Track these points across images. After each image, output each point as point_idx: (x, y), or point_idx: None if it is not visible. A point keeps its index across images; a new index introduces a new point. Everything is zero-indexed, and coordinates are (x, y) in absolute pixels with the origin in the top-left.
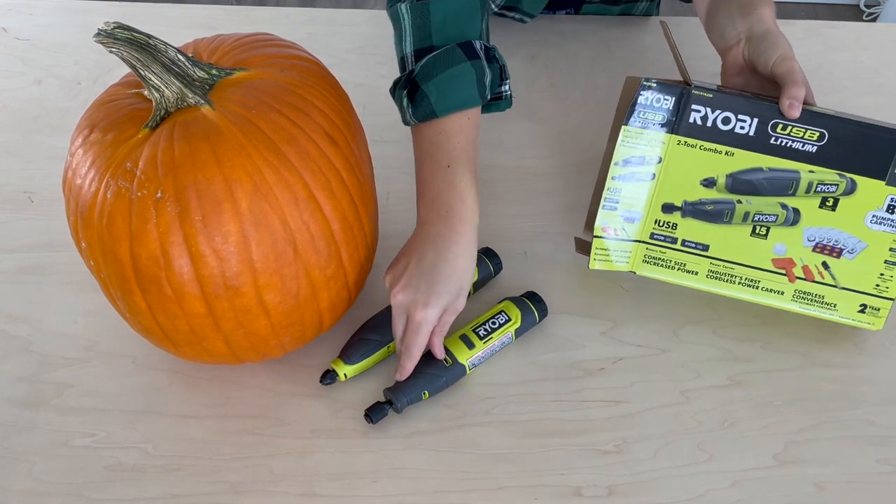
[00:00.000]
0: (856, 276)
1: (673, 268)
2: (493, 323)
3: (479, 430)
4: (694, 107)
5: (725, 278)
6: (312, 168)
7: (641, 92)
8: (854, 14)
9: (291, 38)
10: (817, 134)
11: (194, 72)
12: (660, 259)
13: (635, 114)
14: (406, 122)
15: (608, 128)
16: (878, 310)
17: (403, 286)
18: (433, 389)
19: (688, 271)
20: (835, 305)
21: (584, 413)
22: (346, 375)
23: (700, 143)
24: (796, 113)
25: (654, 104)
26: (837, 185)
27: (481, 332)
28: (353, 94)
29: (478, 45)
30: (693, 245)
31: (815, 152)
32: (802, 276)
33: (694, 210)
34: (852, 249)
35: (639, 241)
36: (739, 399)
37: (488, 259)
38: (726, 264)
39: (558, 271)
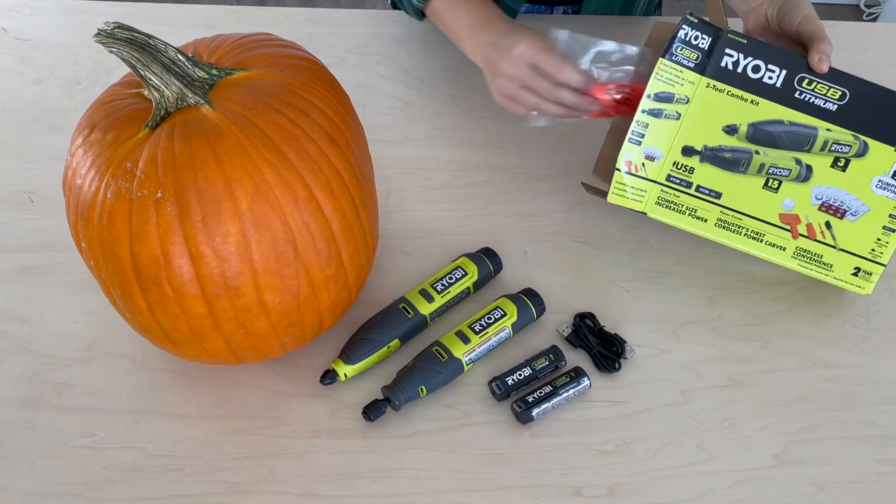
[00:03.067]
0: (854, 238)
1: (684, 213)
2: (489, 318)
3: (479, 430)
4: (728, 51)
5: (733, 228)
6: (313, 168)
7: (682, 26)
8: (854, 14)
9: (291, 38)
10: (839, 93)
11: (194, 72)
12: (672, 203)
13: (674, 46)
14: (419, 13)
15: (608, 127)
16: (871, 274)
17: (502, 66)
18: (431, 386)
19: (698, 217)
20: (831, 266)
21: (584, 413)
22: (346, 375)
23: (728, 88)
24: (825, 67)
25: (693, 41)
26: (851, 146)
27: (477, 328)
28: (353, 94)
29: None
30: (707, 192)
31: (835, 111)
32: (805, 234)
33: (713, 156)
34: (855, 212)
35: (655, 182)
36: (739, 399)
37: (488, 259)
38: (736, 214)
39: (558, 271)
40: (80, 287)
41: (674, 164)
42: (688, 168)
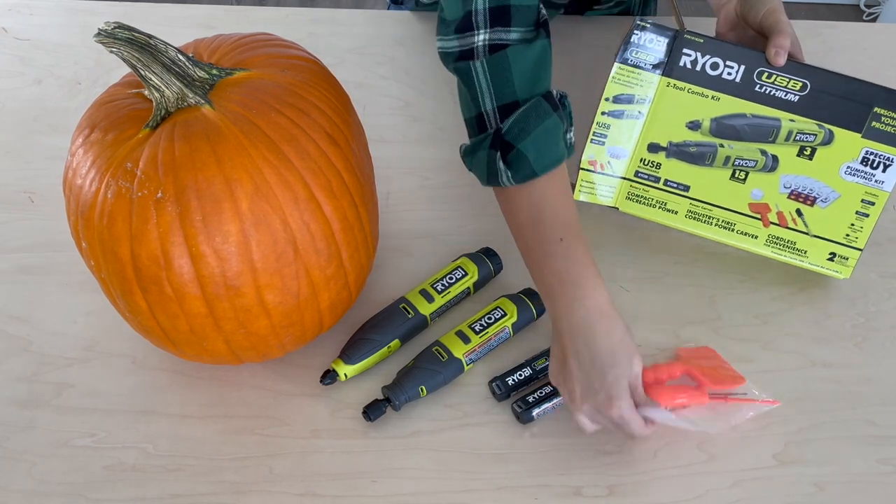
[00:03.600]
0: (827, 224)
1: (654, 206)
2: (489, 318)
3: (479, 430)
4: (685, 51)
5: (703, 219)
6: (313, 168)
7: (635, 31)
8: (854, 14)
9: (291, 38)
10: (800, 84)
11: (195, 72)
12: (642, 197)
13: (628, 51)
14: (494, 184)
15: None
16: (847, 259)
17: (581, 397)
18: (431, 386)
19: (668, 210)
20: (805, 252)
21: None
22: (346, 375)
23: (688, 86)
24: (781, 61)
25: (647, 44)
26: (816, 134)
27: (477, 328)
28: (353, 94)
29: (555, 93)
30: (675, 185)
31: (797, 102)
32: (776, 222)
33: (678, 151)
34: (826, 199)
35: (624, 178)
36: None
37: (488, 259)
38: (705, 206)
39: None
40: (80, 287)
41: (641, 160)
42: (655, 164)
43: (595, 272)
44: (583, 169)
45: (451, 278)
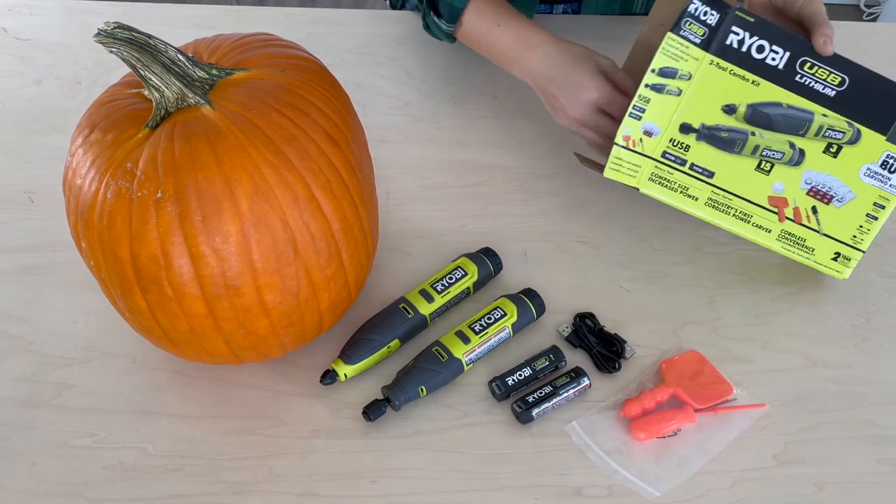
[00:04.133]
0: (838, 224)
1: (676, 190)
2: (489, 318)
3: (479, 430)
4: (734, 28)
5: (722, 208)
6: (313, 168)
7: (693, 1)
8: (854, 14)
9: (291, 38)
10: (839, 79)
11: (194, 72)
12: (666, 179)
13: (682, 22)
14: (452, 39)
15: None
16: (850, 259)
17: (564, 104)
18: (431, 386)
19: (689, 196)
20: (813, 250)
21: (584, 413)
22: (346, 375)
23: (731, 66)
24: (830, 49)
25: (701, 16)
26: (845, 132)
27: (477, 328)
28: (353, 94)
29: None
30: (700, 170)
31: (833, 96)
32: (791, 217)
33: (710, 134)
34: (842, 198)
35: (650, 158)
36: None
37: (488, 259)
38: (726, 195)
39: (558, 271)
40: (80, 287)
41: (670, 140)
42: (684, 146)
43: (527, 30)
44: (617, 145)
45: (450, 278)
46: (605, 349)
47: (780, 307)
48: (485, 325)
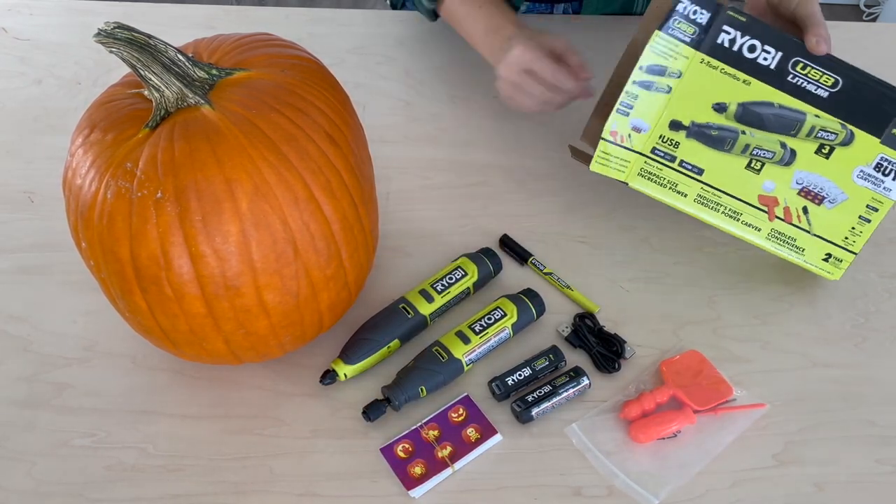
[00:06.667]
0: (830, 225)
1: (665, 186)
2: (489, 318)
3: None
4: (725, 28)
5: (711, 205)
6: (312, 168)
7: (681, 1)
8: (854, 14)
9: (291, 38)
10: (832, 80)
11: (194, 72)
12: (655, 175)
13: (671, 20)
14: (433, 16)
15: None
16: (841, 261)
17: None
18: (431, 386)
19: (678, 192)
20: (803, 250)
21: (584, 413)
22: (346, 375)
23: (722, 65)
24: (824, 48)
25: (691, 15)
26: (838, 134)
27: (477, 328)
28: (353, 94)
29: None
30: (690, 167)
31: (826, 97)
32: (782, 217)
33: (699, 132)
34: (833, 199)
35: (639, 154)
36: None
37: (488, 259)
38: (715, 192)
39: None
40: (80, 287)
41: (660, 137)
42: (673, 142)
43: (500, 17)
44: (604, 139)
45: (450, 278)
46: (605, 349)
47: (780, 307)
48: (485, 325)
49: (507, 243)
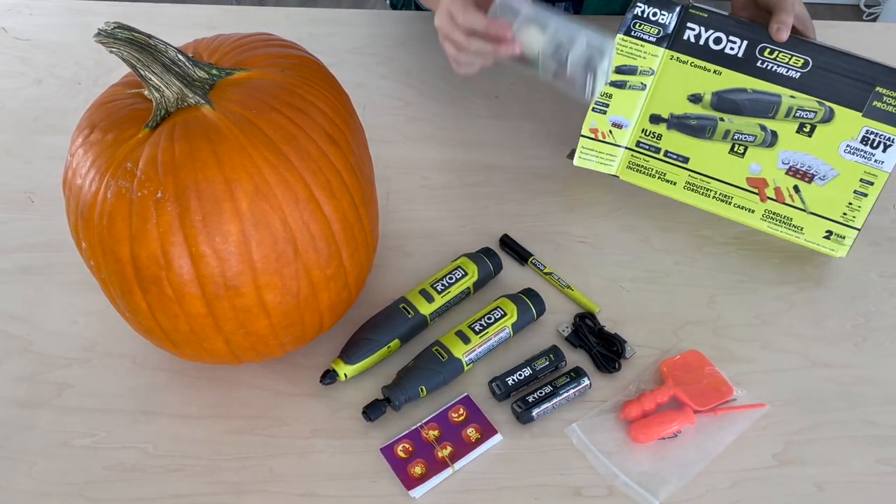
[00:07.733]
0: (825, 202)
1: (654, 176)
2: (489, 318)
3: None
4: (689, 25)
5: (701, 191)
6: (313, 168)
7: (638, 4)
8: (854, 14)
9: (291, 38)
10: (801, 61)
11: (194, 72)
12: (643, 167)
13: (628, 23)
14: None
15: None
16: (843, 237)
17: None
18: (431, 386)
19: (667, 181)
20: (801, 229)
21: (584, 413)
22: (346, 375)
23: (691, 59)
24: (783, 36)
25: (651, 17)
26: (816, 112)
27: (477, 328)
28: (353, 94)
29: None
30: (675, 157)
31: (798, 78)
32: (774, 197)
33: (679, 123)
34: (824, 176)
35: (626, 148)
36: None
37: (488, 259)
38: (703, 178)
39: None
40: (80, 287)
41: (643, 130)
42: (656, 135)
43: None
44: (583, 136)
45: (450, 278)
46: (605, 349)
47: (780, 307)
48: (485, 325)
49: (507, 243)
